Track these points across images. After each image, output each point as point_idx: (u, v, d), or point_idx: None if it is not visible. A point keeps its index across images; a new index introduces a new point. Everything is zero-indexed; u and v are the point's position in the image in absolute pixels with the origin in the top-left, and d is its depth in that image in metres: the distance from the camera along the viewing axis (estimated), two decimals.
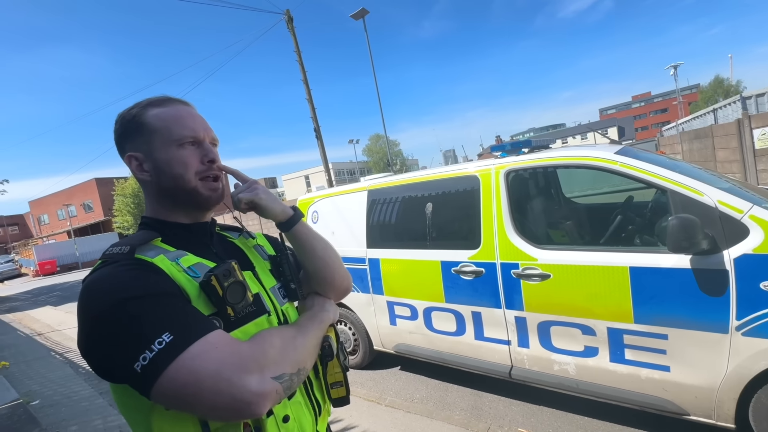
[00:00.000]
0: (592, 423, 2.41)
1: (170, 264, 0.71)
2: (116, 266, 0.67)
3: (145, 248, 0.72)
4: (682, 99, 36.53)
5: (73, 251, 28.73)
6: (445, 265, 2.71)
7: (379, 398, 3.11)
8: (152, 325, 0.60)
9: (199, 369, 0.58)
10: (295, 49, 12.83)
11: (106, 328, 0.60)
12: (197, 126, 0.80)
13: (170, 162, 0.77)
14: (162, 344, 0.58)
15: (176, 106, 0.81)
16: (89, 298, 0.64)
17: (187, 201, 0.80)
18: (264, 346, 0.68)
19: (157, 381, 0.57)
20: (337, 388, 0.91)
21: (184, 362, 0.58)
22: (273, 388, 0.64)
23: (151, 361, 0.57)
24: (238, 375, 0.60)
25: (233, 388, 0.59)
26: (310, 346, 0.79)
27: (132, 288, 0.63)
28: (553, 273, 2.22)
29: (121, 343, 0.59)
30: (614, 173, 2.12)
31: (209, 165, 0.80)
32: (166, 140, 0.77)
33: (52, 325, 8.74)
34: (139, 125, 0.78)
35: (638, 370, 2.03)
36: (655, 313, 1.93)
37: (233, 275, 0.72)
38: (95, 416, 3.49)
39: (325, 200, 3.65)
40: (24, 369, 5.39)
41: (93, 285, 0.65)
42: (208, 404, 0.59)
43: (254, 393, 0.60)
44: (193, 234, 0.83)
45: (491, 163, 2.58)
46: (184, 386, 0.58)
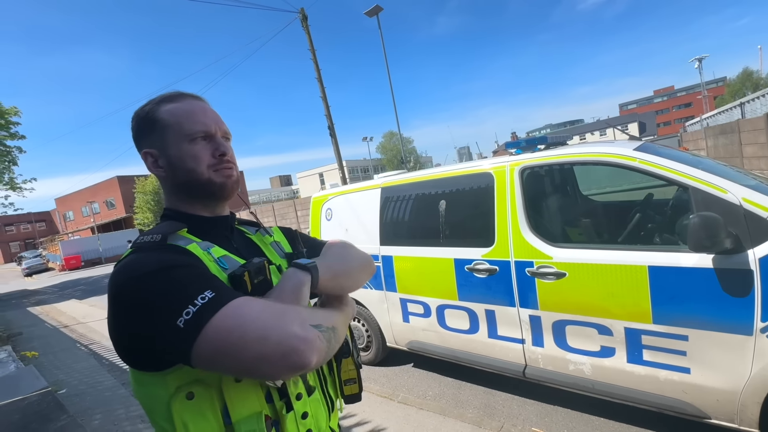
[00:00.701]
0: (608, 424, 2.37)
1: (203, 252, 0.72)
2: (152, 252, 0.68)
3: (175, 237, 0.73)
4: (707, 93, 35.26)
5: (97, 246, 29.72)
6: (458, 263, 2.70)
7: (391, 395, 3.13)
8: (194, 285, 0.60)
9: (243, 315, 0.58)
10: (309, 48, 12.90)
11: (148, 294, 0.60)
12: (208, 120, 0.80)
13: (183, 157, 0.77)
14: (205, 299, 0.59)
15: (188, 101, 0.81)
16: (127, 277, 0.63)
17: (203, 193, 0.80)
18: (296, 306, 0.68)
19: (201, 333, 0.56)
20: (350, 385, 0.93)
21: (227, 311, 0.58)
22: (315, 334, 0.62)
23: (195, 314, 0.57)
24: (281, 321, 0.60)
25: (279, 332, 0.58)
26: (341, 321, 0.78)
27: (173, 260, 0.65)
28: (569, 272, 2.19)
29: (164, 302, 0.59)
30: (633, 170, 2.07)
31: (220, 158, 0.80)
32: (178, 136, 0.77)
33: (78, 318, 9.08)
34: (153, 122, 0.78)
35: (657, 371, 1.98)
36: (675, 313, 1.89)
37: (263, 273, 0.74)
38: (118, 406, 3.62)
39: (339, 197, 3.68)
40: (52, 359, 5.63)
41: (129, 265, 0.65)
42: (254, 354, 0.57)
43: (299, 337, 0.59)
44: (215, 227, 0.84)
45: (506, 160, 2.55)
46: (228, 336, 0.56)
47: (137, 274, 0.62)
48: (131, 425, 3.19)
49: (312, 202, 3.96)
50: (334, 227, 3.68)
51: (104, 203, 39.78)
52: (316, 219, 3.87)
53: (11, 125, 14.41)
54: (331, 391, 0.90)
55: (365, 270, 0.95)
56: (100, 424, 3.24)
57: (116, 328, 0.64)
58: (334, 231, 3.67)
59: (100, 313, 9.17)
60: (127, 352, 0.66)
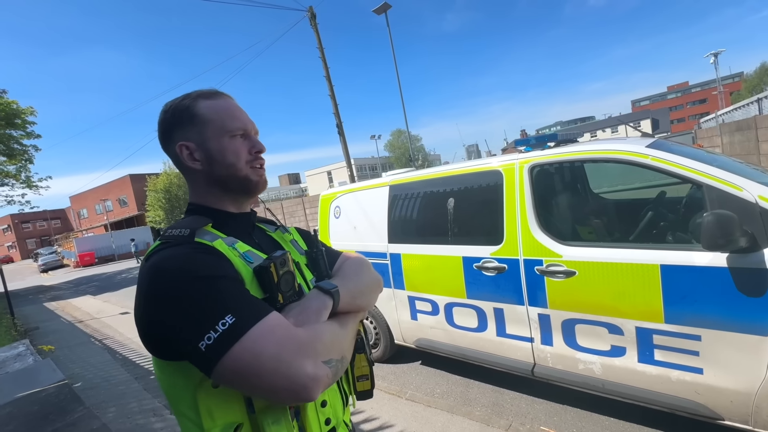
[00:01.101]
0: (619, 424, 2.35)
1: (228, 248, 0.74)
2: (181, 248, 0.69)
3: (202, 233, 0.75)
4: (722, 88, 34.44)
5: (110, 244, 30.31)
6: (466, 261, 2.70)
7: (399, 392, 3.14)
8: (216, 307, 0.62)
9: (260, 351, 0.60)
10: (318, 46, 12.94)
11: (174, 306, 0.63)
12: (245, 119, 0.84)
13: (223, 151, 0.80)
14: (225, 326, 0.61)
15: (225, 100, 0.85)
16: (158, 277, 0.66)
17: (239, 187, 0.83)
18: (316, 332, 0.69)
19: (220, 361, 0.59)
20: (362, 381, 0.94)
21: (246, 344, 0.60)
22: (325, 372, 0.65)
23: (216, 341, 0.60)
24: (296, 358, 0.62)
25: (291, 371, 0.61)
26: (350, 338, 0.80)
27: (200, 269, 0.66)
28: (579, 270, 2.17)
29: (188, 321, 0.62)
30: (646, 167, 2.04)
31: (256, 155, 0.84)
32: (218, 131, 0.80)
33: (92, 314, 9.29)
34: (192, 116, 0.80)
35: (668, 371, 1.96)
36: (688, 313, 1.86)
37: (287, 265, 0.76)
38: (131, 399, 3.70)
39: (347, 195, 3.69)
40: (67, 353, 5.77)
41: (162, 264, 0.67)
42: (267, 385, 0.61)
43: (310, 377, 0.62)
44: (239, 223, 0.86)
45: (515, 158, 2.54)
46: (246, 367, 0.60)
47: (165, 289, 0.64)
48: (144, 418, 3.26)
49: (321, 200, 3.98)
50: (343, 225, 3.70)
51: (117, 201, 40.52)
52: (325, 217, 3.89)
53: (27, 124, 14.75)
54: (345, 386, 0.92)
55: (377, 290, 0.98)
56: (114, 417, 3.32)
57: (145, 321, 0.67)
58: (343, 229, 3.68)
59: (113, 309, 9.36)
60: (152, 344, 0.68)
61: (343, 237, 3.66)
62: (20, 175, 15.51)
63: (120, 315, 8.47)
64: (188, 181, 0.85)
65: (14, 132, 14.48)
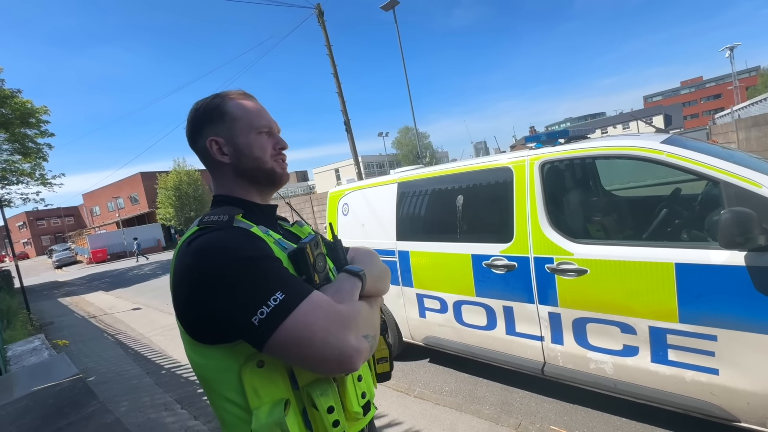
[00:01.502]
0: (630, 424, 2.31)
1: (264, 235, 0.78)
2: (224, 232, 0.72)
3: (237, 221, 0.78)
4: (738, 83, 33.65)
5: (122, 240, 30.79)
6: (475, 259, 2.68)
7: (408, 389, 3.14)
8: (267, 284, 0.66)
9: (311, 324, 0.65)
10: (325, 43, 12.93)
11: (225, 284, 0.65)
12: (270, 118, 0.92)
13: (251, 146, 0.86)
14: (276, 301, 0.65)
15: (252, 100, 0.92)
16: (207, 257, 0.68)
17: (264, 179, 0.89)
18: (355, 309, 0.75)
19: (273, 334, 0.64)
20: (382, 363, 1.01)
21: (297, 317, 0.65)
22: (365, 345, 0.72)
23: (269, 315, 0.64)
24: (341, 331, 0.68)
25: (339, 342, 0.67)
26: (377, 318, 0.88)
27: (247, 249, 0.70)
28: (591, 268, 2.14)
29: (240, 298, 0.65)
30: (660, 164, 2.00)
31: (279, 151, 0.91)
32: (247, 127, 0.87)
33: (104, 309, 9.45)
34: (223, 113, 0.86)
35: (683, 371, 1.92)
36: (703, 312, 1.82)
37: (320, 247, 0.83)
38: (143, 394, 3.76)
39: (356, 193, 3.69)
40: (81, 348, 5.89)
41: (208, 245, 0.70)
42: (317, 355, 0.66)
43: (354, 348, 0.68)
44: (264, 213, 0.91)
45: (525, 155, 2.50)
46: (299, 339, 0.65)
47: (216, 269, 0.66)
48: (156, 412, 3.31)
49: (329, 197, 3.99)
50: (351, 222, 3.70)
51: (128, 198, 41.13)
52: (333, 214, 3.89)
53: (41, 123, 15.02)
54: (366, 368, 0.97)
55: (389, 277, 1.03)
56: (126, 411, 3.38)
57: (192, 303, 0.69)
58: (351, 226, 3.68)
59: (125, 305, 9.52)
60: (197, 326, 0.70)
61: (351, 234, 3.66)
62: (35, 173, 15.81)
63: (132, 311, 8.61)
64: (215, 175, 0.90)
65: (29, 131, 14.75)
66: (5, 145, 14.55)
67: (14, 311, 7.41)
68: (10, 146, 14.63)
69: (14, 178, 15.36)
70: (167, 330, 6.37)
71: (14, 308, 7.68)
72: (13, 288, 12.03)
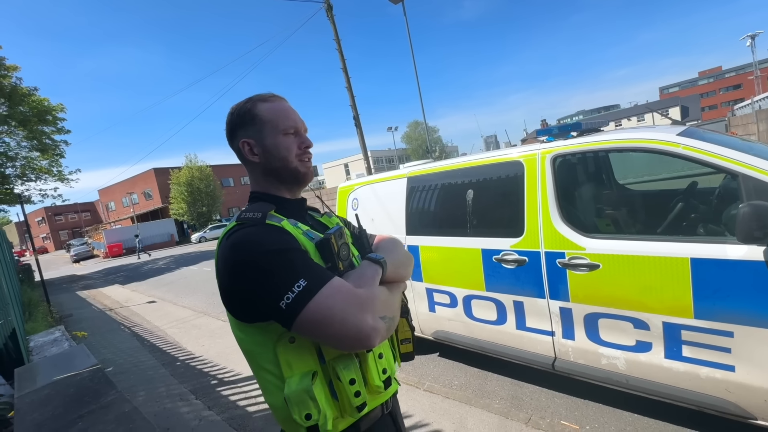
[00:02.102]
0: (642, 420, 2.29)
1: (293, 228, 0.88)
2: (257, 228, 0.84)
3: (270, 216, 0.89)
4: (759, 73, 32.53)
5: None
6: (486, 253, 2.67)
7: (417, 383, 3.16)
8: (291, 273, 0.76)
9: (331, 306, 0.75)
10: (334, 38, 12.89)
11: (257, 273, 0.77)
12: (297, 119, 0.98)
13: (278, 147, 0.94)
14: (300, 287, 0.75)
15: (280, 102, 0.98)
16: (242, 250, 0.79)
17: (290, 178, 0.97)
18: (373, 292, 0.83)
19: (298, 316, 0.74)
20: (405, 344, 1.08)
21: (318, 300, 0.74)
22: (382, 325, 0.79)
23: (294, 300, 0.74)
24: (360, 312, 0.76)
25: (357, 322, 0.75)
26: (398, 301, 0.95)
27: (276, 243, 0.81)
28: (603, 263, 2.11)
29: (268, 285, 0.76)
30: (676, 157, 1.95)
31: (305, 150, 0.98)
32: (274, 129, 0.94)
33: (121, 302, 9.69)
34: (253, 117, 0.95)
35: (697, 368, 1.89)
36: (720, 308, 1.78)
37: (344, 237, 0.92)
38: (159, 384, 3.85)
39: (365, 187, 3.69)
40: (99, 339, 6.06)
41: (244, 238, 0.81)
42: (338, 333, 0.75)
43: (371, 327, 0.76)
44: (294, 207, 1.00)
45: (536, 148, 2.47)
46: (321, 319, 0.74)
47: (248, 260, 0.78)
48: (171, 402, 3.40)
49: (338, 192, 4.00)
50: (360, 217, 3.71)
51: (142, 194, 41.89)
52: (343, 209, 3.91)
53: (58, 121, 15.35)
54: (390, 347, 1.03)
55: (411, 264, 1.10)
56: (143, 401, 3.47)
57: (231, 289, 0.81)
58: (361, 221, 3.69)
59: (140, 298, 9.74)
60: (237, 308, 0.82)
61: None
62: (52, 170, 16.19)
63: (147, 304, 8.81)
64: (250, 173, 1.00)
65: (46, 128, 15.09)
66: (24, 142, 14.92)
67: (35, 304, 7.66)
68: (28, 143, 15.01)
69: (33, 175, 15.75)
70: (181, 323, 6.50)
71: (35, 301, 7.93)
72: (34, 281, 12.41)
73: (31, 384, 2.30)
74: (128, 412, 1.74)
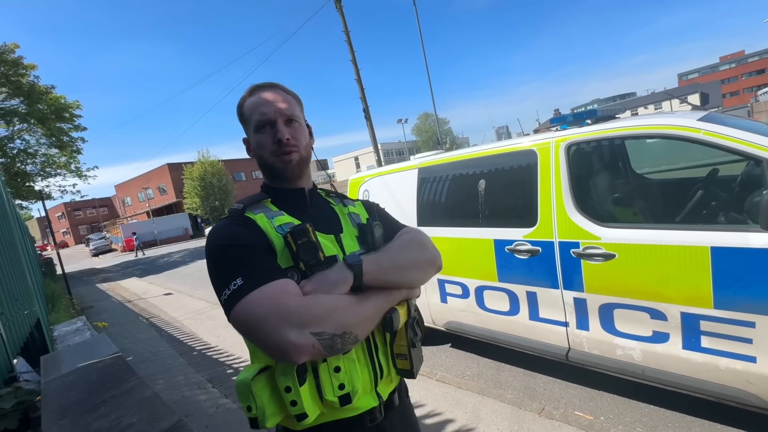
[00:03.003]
0: (659, 412, 2.26)
1: (266, 221, 0.87)
2: (227, 219, 0.88)
3: (255, 207, 0.91)
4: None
5: (152, 229, 32.13)
6: (498, 244, 2.64)
7: (429, 373, 3.17)
8: (233, 270, 0.77)
9: (253, 312, 0.72)
10: (343, 29, 12.80)
11: (211, 264, 0.82)
12: (268, 109, 0.91)
13: (257, 144, 0.94)
14: (235, 286, 0.75)
15: (259, 94, 0.94)
16: (208, 239, 0.85)
17: (271, 174, 0.96)
18: (311, 303, 0.75)
19: (230, 313, 0.75)
20: (401, 360, 0.94)
21: (243, 304, 0.73)
22: (310, 342, 0.71)
23: (228, 297, 0.75)
24: (279, 325, 0.71)
25: (275, 335, 0.71)
26: (367, 315, 0.81)
27: (228, 237, 0.83)
28: (619, 253, 2.08)
29: (215, 277, 0.80)
30: (697, 143, 1.90)
31: (279, 144, 0.91)
32: (251, 127, 0.94)
33: (139, 294, 9.95)
34: (242, 114, 0.96)
35: (716, 359, 1.86)
36: (741, 298, 1.74)
37: (307, 235, 0.82)
38: (177, 372, 3.96)
39: (376, 179, 3.69)
40: (119, 330, 6.24)
41: (213, 229, 0.87)
42: (258, 342, 0.75)
43: (291, 343, 0.70)
44: (293, 198, 0.97)
45: (550, 137, 2.43)
46: (243, 323, 0.74)
47: (207, 251, 0.84)
48: (189, 390, 3.49)
49: (349, 184, 4.01)
50: None
51: (157, 189, 42.66)
52: None
53: (75, 118, 15.69)
54: (383, 360, 0.92)
55: (424, 268, 0.97)
56: (162, 389, 3.57)
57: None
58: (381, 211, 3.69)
59: (157, 290, 9.98)
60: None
61: None
62: (70, 166, 16.60)
63: (164, 296, 9.03)
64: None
65: (63, 125, 15.45)
66: (43, 139, 15.32)
67: (57, 296, 7.90)
68: (47, 140, 15.40)
69: (52, 170, 16.18)
70: (197, 314, 6.65)
71: (57, 293, 8.18)
72: (56, 274, 12.80)
73: (56, 371, 2.39)
74: (149, 397, 1.80)
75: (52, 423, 1.70)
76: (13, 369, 2.57)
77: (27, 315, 3.40)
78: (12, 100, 13.48)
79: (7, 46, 12.75)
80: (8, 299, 2.82)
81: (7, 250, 3.28)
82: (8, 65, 12.76)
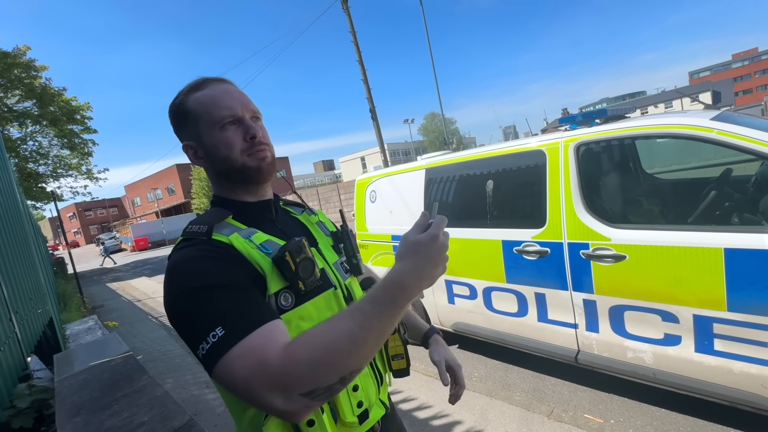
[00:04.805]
0: (670, 416, 2.23)
1: (244, 242, 0.73)
2: (194, 249, 0.70)
3: (221, 226, 0.75)
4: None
5: (161, 230, 32.48)
6: (506, 245, 2.63)
7: (437, 374, 3.15)
8: (210, 318, 0.62)
9: (236, 374, 0.59)
10: (350, 30, 12.84)
11: (179, 312, 0.66)
12: (234, 103, 0.79)
13: (216, 145, 0.78)
14: (215, 338, 0.60)
15: (212, 87, 0.80)
16: (172, 279, 0.68)
17: (240, 177, 0.80)
18: (296, 358, 0.58)
19: (212, 370, 0.61)
20: (397, 360, 0.94)
21: (225, 363, 0.59)
22: (302, 404, 0.59)
23: (208, 351, 0.61)
24: (263, 390, 0.58)
25: (263, 402, 0.59)
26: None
27: (201, 276, 0.66)
28: (630, 254, 2.05)
29: (188, 329, 0.64)
30: (709, 143, 1.87)
31: (251, 141, 0.79)
32: (209, 124, 0.78)
33: (148, 293, 10.07)
34: (185, 113, 0.80)
35: (730, 362, 1.82)
36: (756, 300, 1.71)
37: (304, 251, 0.74)
38: (186, 372, 4.00)
39: (383, 179, 3.69)
40: (129, 329, 6.32)
41: (174, 268, 0.69)
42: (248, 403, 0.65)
43: (280, 410, 0.59)
44: (259, 211, 0.84)
45: (559, 137, 2.41)
46: (227, 385, 0.61)
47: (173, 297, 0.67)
48: (198, 389, 3.52)
49: (356, 184, 4.01)
50: (379, 209, 3.71)
51: (165, 189, 43.17)
52: (361, 201, 3.93)
53: (86, 120, 15.93)
54: (380, 365, 0.92)
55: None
56: (171, 387, 3.61)
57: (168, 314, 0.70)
58: (379, 213, 3.70)
59: None
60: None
61: (379, 221, 3.68)
62: (81, 168, 16.85)
63: None
64: (207, 176, 0.86)
65: (74, 127, 15.70)
66: (55, 140, 15.58)
67: (69, 295, 8.03)
68: (59, 141, 15.66)
69: (63, 171, 16.45)
70: None
71: (69, 292, 8.31)
72: (67, 274, 13.01)
73: (69, 369, 2.43)
74: (160, 396, 1.82)
75: (66, 421, 1.73)
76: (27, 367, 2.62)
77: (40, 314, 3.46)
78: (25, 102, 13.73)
79: (20, 49, 12.96)
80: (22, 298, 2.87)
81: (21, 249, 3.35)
82: (21, 68, 12.99)
